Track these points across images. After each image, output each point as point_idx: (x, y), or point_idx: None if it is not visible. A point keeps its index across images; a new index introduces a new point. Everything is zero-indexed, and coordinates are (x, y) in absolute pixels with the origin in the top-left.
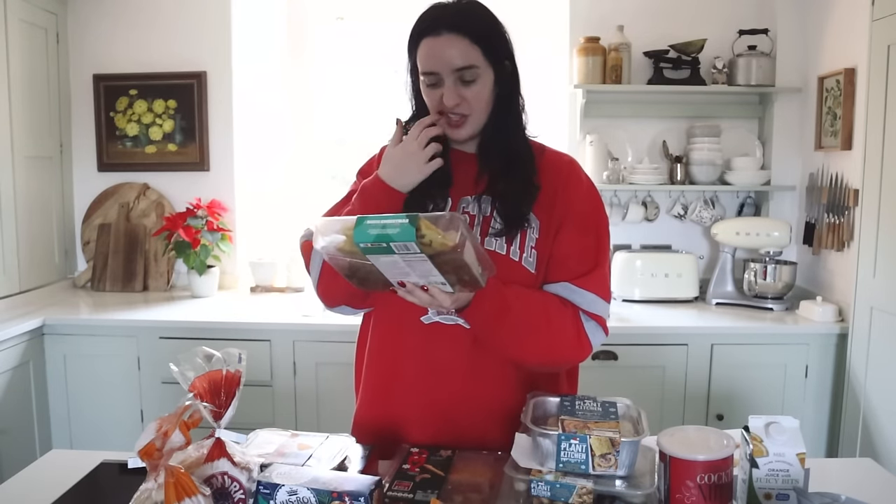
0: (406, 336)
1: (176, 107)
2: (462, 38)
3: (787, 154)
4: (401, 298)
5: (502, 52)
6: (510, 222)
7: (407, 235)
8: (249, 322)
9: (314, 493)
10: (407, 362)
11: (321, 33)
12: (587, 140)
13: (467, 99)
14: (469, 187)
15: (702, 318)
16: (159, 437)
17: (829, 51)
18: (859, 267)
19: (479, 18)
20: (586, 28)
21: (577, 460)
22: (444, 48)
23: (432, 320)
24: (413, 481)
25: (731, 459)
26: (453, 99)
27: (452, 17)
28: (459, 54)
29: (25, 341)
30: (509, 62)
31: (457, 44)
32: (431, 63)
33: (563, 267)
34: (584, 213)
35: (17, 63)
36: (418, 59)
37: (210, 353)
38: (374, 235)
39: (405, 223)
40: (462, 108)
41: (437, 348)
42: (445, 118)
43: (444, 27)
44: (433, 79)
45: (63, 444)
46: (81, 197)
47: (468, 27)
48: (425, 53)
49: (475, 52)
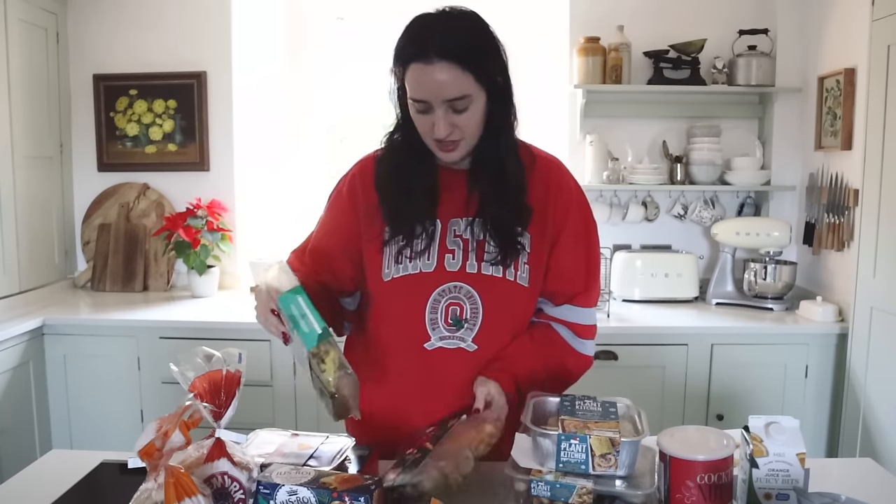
0: (408, 360)
1: (176, 107)
2: (453, 66)
3: (787, 154)
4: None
5: (495, 70)
6: (506, 250)
7: (309, 341)
8: (249, 322)
9: (314, 493)
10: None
11: (321, 33)
12: (587, 140)
13: (459, 126)
14: (459, 208)
15: (702, 318)
16: (159, 437)
17: (829, 51)
18: (859, 267)
19: (470, 37)
20: (586, 28)
21: (577, 460)
22: (435, 77)
23: (435, 346)
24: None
25: (731, 459)
26: (445, 129)
27: (442, 39)
28: (451, 84)
29: (25, 341)
30: (502, 77)
31: (448, 72)
32: (422, 92)
33: (562, 281)
34: (576, 224)
35: (17, 63)
36: (407, 83)
37: (210, 353)
38: (289, 315)
39: (317, 333)
40: (454, 135)
41: (440, 372)
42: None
43: (434, 53)
44: (423, 106)
45: (63, 444)
46: (81, 197)
47: (458, 51)
48: (415, 80)
49: (467, 80)
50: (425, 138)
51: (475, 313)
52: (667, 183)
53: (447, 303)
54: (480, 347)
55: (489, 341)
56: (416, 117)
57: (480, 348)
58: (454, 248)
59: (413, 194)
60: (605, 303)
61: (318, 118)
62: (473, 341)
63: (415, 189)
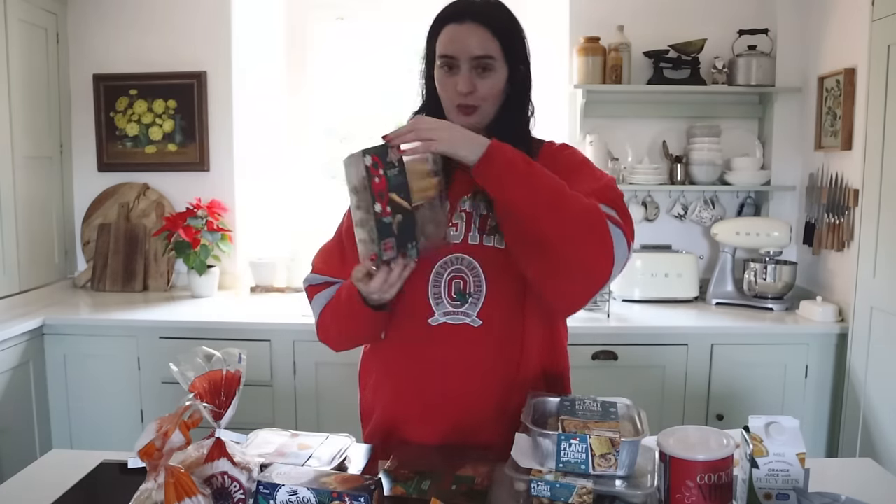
0: (412, 337)
1: (176, 107)
2: (485, 29)
3: (787, 154)
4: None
5: (520, 54)
6: None
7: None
8: (249, 322)
9: (314, 493)
10: (412, 362)
11: (321, 33)
12: (587, 140)
13: (479, 89)
14: (467, 186)
15: (702, 318)
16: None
17: (829, 51)
18: (859, 267)
19: (504, 17)
20: (586, 28)
21: (577, 460)
22: (466, 35)
23: (439, 321)
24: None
25: (731, 459)
26: (467, 86)
27: (479, 8)
28: (479, 43)
29: (25, 341)
30: (524, 67)
31: (479, 33)
32: (451, 48)
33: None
34: (565, 163)
35: (17, 63)
36: (438, 43)
37: (210, 353)
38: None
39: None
40: (473, 98)
41: (444, 348)
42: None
43: (468, 16)
44: (450, 62)
45: (63, 444)
46: (81, 197)
47: (492, 21)
48: (447, 38)
49: (494, 45)
50: (447, 104)
51: (478, 286)
52: (667, 183)
53: (450, 276)
54: (485, 323)
55: (494, 316)
56: (441, 78)
57: (485, 324)
58: (458, 222)
59: None
60: (605, 302)
61: (318, 118)
62: (478, 316)
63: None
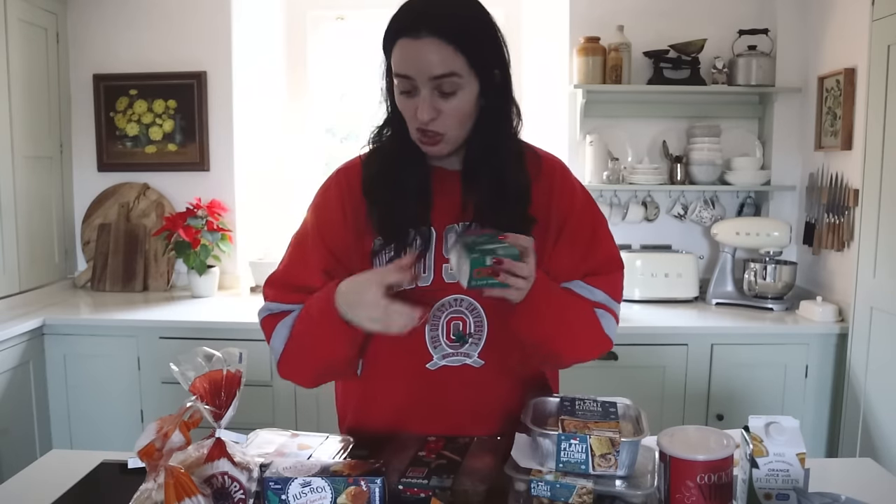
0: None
1: (176, 107)
2: (445, 44)
3: (787, 154)
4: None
5: (492, 60)
6: None
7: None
8: (249, 322)
9: (329, 482)
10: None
11: (321, 33)
12: (587, 140)
13: (444, 113)
14: (454, 212)
15: (702, 318)
16: (159, 437)
17: (829, 51)
18: (859, 267)
19: (468, 19)
20: (586, 28)
21: (577, 460)
22: (424, 52)
23: (438, 365)
24: (428, 467)
25: (731, 459)
26: (428, 113)
27: (436, 16)
28: (440, 60)
29: (25, 341)
30: (499, 71)
31: (438, 49)
32: (406, 66)
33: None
34: (577, 227)
35: (17, 63)
36: (393, 60)
37: (210, 353)
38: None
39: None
40: (437, 124)
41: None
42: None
43: (425, 28)
44: (407, 84)
45: (63, 444)
46: (81, 197)
47: (453, 31)
48: (401, 55)
49: (459, 60)
50: (410, 128)
51: (479, 326)
52: (667, 183)
53: (448, 318)
54: (487, 363)
55: (497, 355)
56: (401, 101)
57: (487, 363)
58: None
59: (405, 196)
60: None
61: (317, 118)
62: (479, 356)
63: (407, 190)
